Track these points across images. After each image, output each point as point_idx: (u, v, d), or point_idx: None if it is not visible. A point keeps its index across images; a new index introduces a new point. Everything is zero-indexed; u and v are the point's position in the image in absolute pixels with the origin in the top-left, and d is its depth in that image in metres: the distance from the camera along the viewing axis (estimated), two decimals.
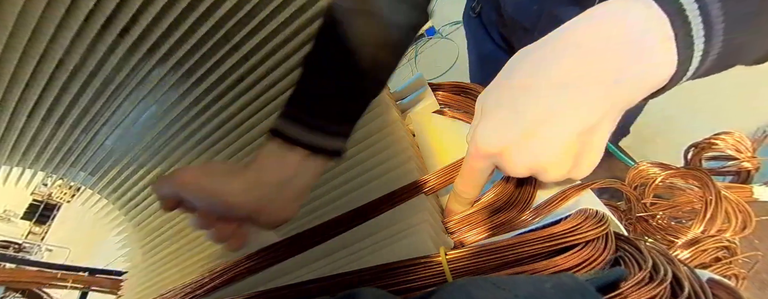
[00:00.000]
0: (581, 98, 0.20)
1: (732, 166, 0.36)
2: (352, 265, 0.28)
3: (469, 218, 0.30)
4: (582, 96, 0.20)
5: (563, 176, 0.23)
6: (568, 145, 0.21)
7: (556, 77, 0.20)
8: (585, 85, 0.19)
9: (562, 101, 0.20)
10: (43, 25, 0.33)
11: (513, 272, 0.22)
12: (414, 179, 0.33)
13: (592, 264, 0.21)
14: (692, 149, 0.38)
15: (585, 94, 0.20)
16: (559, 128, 0.21)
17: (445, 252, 0.24)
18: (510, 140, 0.22)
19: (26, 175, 0.54)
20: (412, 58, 2.46)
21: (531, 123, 0.21)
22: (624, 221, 0.36)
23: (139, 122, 0.47)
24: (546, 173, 0.23)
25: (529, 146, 0.22)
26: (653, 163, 0.37)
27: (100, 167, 0.53)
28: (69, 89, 0.41)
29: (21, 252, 5.08)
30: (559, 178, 0.23)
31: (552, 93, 0.20)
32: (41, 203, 5.79)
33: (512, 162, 0.23)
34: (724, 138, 0.36)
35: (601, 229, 0.23)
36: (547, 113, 0.21)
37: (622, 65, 0.19)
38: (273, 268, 0.35)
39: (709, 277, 0.20)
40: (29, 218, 5.77)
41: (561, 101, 0.20)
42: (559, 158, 0.22)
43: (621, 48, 0.19)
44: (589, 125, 0.20)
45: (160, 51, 0.39)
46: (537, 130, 0.21)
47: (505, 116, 0.22)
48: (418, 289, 0.24)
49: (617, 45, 0.19)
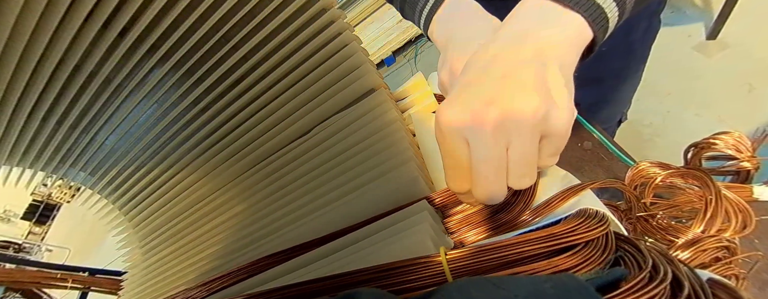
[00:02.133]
0: (520, 76, 0.23)
1: (732, 166, 0.36)
2: (352, 265, 0.28)
3: (469, 218, 0.30)
4: (521, 75, 0.23)
5: (538, 118, 0.22)
6: (530, 84, 0.23)
7: (497, 71, 0.24)
8: (519, 69, 0.23)
9: (504, 84, 0.23)
10: (43, 24, 0.33)
11: (513, 272, 0.22)
12: (414, 180, 0.33)
13: (592, 264, 0.21)
14: (692, 148, 0.38)
15: (523, 74, 0.23)
16: (515, 80, 0.23)
17: (445, 252, 0.24)
18: (475, 107, 0.23)
19: (26, 175, 0.54)
20: (412, 58, 2.46)
21: (490, 90, 0.23)
22: (624, 221, 0.36)
23: (139, 122, 0.47)
24: (520, 121, 0.22)
25: (494, 104, 0.23)
26: (653, 163, 0.37)
27: (100, 167, 0.53)
28: (69, 89, 0.41)
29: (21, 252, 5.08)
30: (535, 124, 0.23)
31: (495, 80, 0.24)
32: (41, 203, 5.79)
33: (482, 126, 0.23)
34: (724, 138, 0.36)
35: (601, 229, 0.23)
36: (503, 77, 0.23)
37: (540, 49, 0.24)
38: (273, 268, 0.35)
39: (709, 277, 0.20)
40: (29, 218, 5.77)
41: (503, 85, 0.23)
42: (528, 96, 0.22)
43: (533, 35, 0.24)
44: (540, 70, 0.23)
45: (160, 51, 0.39)
46: (497, 93, 0.23)
47: (466, 93, 0.24)
48: (418, 289, 0.24)
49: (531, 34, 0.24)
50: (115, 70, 0.40)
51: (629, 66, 0.63)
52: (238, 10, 0.38)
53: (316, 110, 0.42)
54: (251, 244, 0.43)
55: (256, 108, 0.44)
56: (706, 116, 1.30)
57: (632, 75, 0.65)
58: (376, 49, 2.36)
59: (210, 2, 0.36)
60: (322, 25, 0.40)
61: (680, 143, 0.37)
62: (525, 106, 0.22)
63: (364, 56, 0.42)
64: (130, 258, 0.62)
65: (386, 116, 0.39)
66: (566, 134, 0.24)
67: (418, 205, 0.31)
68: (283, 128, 0.44)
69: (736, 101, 1.27)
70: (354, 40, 0.41)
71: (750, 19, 1.39)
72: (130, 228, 0.60)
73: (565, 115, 0.23)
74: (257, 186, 0.46)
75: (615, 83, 0.64)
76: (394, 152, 0.37)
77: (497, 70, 0.24)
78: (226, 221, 0.48)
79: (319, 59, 0.41)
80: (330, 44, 0.41)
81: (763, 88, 1.25)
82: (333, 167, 0.40)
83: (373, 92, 0.42)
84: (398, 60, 2.51)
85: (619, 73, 0.63)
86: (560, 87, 0.23)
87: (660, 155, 0.40)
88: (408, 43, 2.40)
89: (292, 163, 0.44)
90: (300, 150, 0.43)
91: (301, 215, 0.40)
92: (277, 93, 0.43)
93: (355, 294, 0.21)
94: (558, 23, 0.24)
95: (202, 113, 0.45)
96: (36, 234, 5.78)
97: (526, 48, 0.24)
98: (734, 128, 0.36)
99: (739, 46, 1.39)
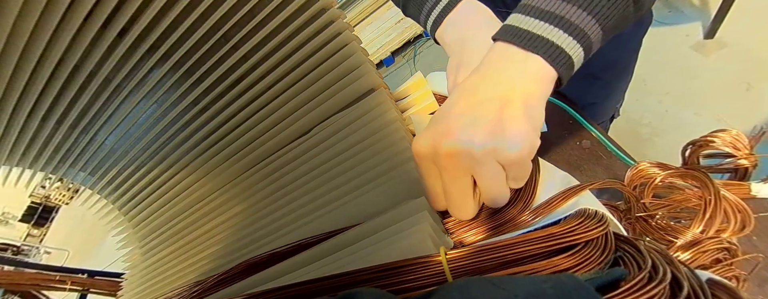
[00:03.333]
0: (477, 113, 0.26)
1: (729, 163, 0.36)
2: (352, 265, 0.28)
3: None
4: (479, 112, 0.26)
5: (487, 150, 0.25)
6: (481, 120, 0.25)
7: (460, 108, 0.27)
8: (480, 106, 0.26)
9: (460, 120, 0.26)
10: (42, 24, 0.33)
11: (512, 272, 0.22)
12: (414, 180, 0.33)
13: (592, 264, 0.21)
14: (690, 146, 0.38)
15: (482, 109, 0.26)
16: (470, 116, 0.26)
17: (445, 252, 0.24)
18: (436, 139, 0.26)
19: (26, 175, 0.54)
20: (412, 58, 2.46)
21: (449, 125, 0.26)
22: (624, 221, 0.36)
23: (138, 122, 0.47)
24: (469, 153, 0.25)
25: (448, 137, 0.26)
26: (653, 163, 0.37)
27: (99, 167, 0.53)
28: (68, 89, 0.41)
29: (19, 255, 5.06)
30: (484, 154, 0.25)
31: (462, 104, 0.27)
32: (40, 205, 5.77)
33: (439, 157, 0.26)
34: (722, 136, 0.36)
35: (600, 229, 0.23)
36: (460, 114, 0.26)
37: (503, 90, 0.26)
38: (273, 268, 0.35)
39: (708, 277, 0.20)
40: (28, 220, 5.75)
41: (458, 121, 0.26)
42: (475, 131, 0.25)
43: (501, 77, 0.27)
44: (496, 107, 0.25)
45: (160, 51, 0.39)
46: (452, 128, 0.26)
47: (432, 126, 0.27)
48: (418, 289, 0.24)
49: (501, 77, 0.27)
50: (115, 70, 0.40)
51: (621, 60, 0.63)
52: (237, 10, 0.38)
53: (316, 110, 0.42)
54: (251, 244, 0.43)
55: (256, 108, 0.44)
56: (704, 115, 1.30)
57: (624, 69, 0.65)
58: (375, 50, 2.36)
59: (210, 2, 0.36)
60: (321, 25, 0.40)
61: (678, 142, 0.38)
62: (472, 139, 0.25)
63: (363, 56, 0.42)
64: (129, 259, 0.62)
65: (386, 116, 0.39)
66: (521, 162, 0.26)
67: (418, 205, 0.31)
68: (283, 128, 0.44)
69: (734, 99, 1.27)
70: (354, 40, 0.41)
71: (748, 18, 1.40)
72: (129, 228, 0.60)
73: (514, 147, 0.25)
74: (257, 186, 0.46)
75: (607, 77, 0.64)
76: (394, 152, 0.37)
77: (459, 108, 0.27)
78: (226, 221, 0.48)
79: (318, 59, 0.41)
80: (330, 44, 0.41)
81: (760, 86, 1.25)
82: (333, 167, 0.40)
83: (373, 92, 0.42)
84: (397, 61, 2.51)
85: (611, 66, 0.62)
86: (516, 122, 0.25)
87: (658, 154, 0.40)
88: (407, 43, 2.40)
89: (292, 163, 0.44)
90: (300, 150, 0.43)
91: (301, 215, 0.40)
92: (277, 93, 0.43)
93: (355, 294, 0.21)
94: (519, 65, 0.26)
95: (202, 113, 0.45)
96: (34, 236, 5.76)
97: (487, 88, 0.27)
98: (732, 127, 0.36)
99: (736, 45, 1.39)
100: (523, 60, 0.26)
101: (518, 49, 0.27)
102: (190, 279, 0.48)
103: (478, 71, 0.28)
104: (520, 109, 0.25)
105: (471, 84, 0.28)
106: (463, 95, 0.27)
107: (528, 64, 0.26)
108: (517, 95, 0.26)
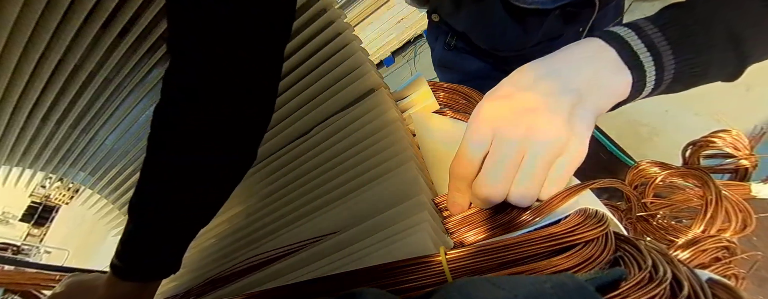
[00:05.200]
0: (560, 100, 0.25)
1: (730, 163, 0.36)
2: (352, 265, 0.28)
3: (469, 218, 0.30)
4: (561, 100, 0.26)
5: (562, 143, 0.25)
6: (565, 112, 0.25)
7: (545, 88, 0.26)
8: (562, 94, 0.26)
9: (547, 101, 0.26)
10: (42, 25, 0.33)
11: (512, 272, 0.22)
12: (414, 179, 0.33)
13: (592, 264, 0.21)
14: (690, 147, 0.38)
15: (563, 99, 0.26)
16: (556, 102, 0.25)
17: (445, 252, 0.24)
18: (504, 114, 0.26)
19: (26, 175, 0.54)
20: (412, 58, 2.46)
21: (534, 101, 0.26)
22: (624, 221, 0.36)
23: (139, 122, 0.47)
24: (544, 137, 0.25)
25: (521, 120, 0.25)
26: (653, 162, 0.37)
27: (99, 167, 0.53)
28: (69, 89, 0.41)
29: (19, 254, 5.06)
30: (554, 144, 0.25)
31: (540, 95, 0.26)
32: (40, 205, 5.77)
33: (504, 133, 0.26)
34: (722, 136, 0.36)
35: (600, 229, 0.23)
36: (536, 104, 0.26)
37: (586, 86, 0.26)
38: (273, 268, 0.35)
39: (708, 277, 0.20)
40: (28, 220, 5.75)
41: (546, 101, 0.26)
42: (558, 121, 0.25)
43: (586, 71, 0.26)
44: (577, 105, 0.26)
45: (160, 51, 0.39)
46: (528, 113, 0.25)
47: (505, 102, 0.27)
48: (418, 289, 0.24)
49: (584, 70, 0.26)
50: (115, 70, 0.40)
51: None
52: None
53: (317, 109, 0.42)
54: (251, 244, 0.43)
55: None
56: (704, 115, 1.30)
57: None
58: (375, 50, 2.36)
59: None
60: (322, 25, 0.40)
61: (679, 142, 0.38)
62: (553, 127, 0.25)
63: (364, 56, 0.42)
64: None
65: (386, 116, 0.39)
66: (577, 161, 0.26)
67: (418, 205, 0.31)
68: (283, 128, 0.44)
69: (734, 100, 1.27)
70: (354, 40, 0.41)
71: None
72: None
73: (580, 145, 0.25)
74: (257, 186, 0.46)
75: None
76: (394, 152, 0.37)
77: (546, 88, 0.26)
78: (225, 221, 0.48)
79: (319, 59, 0.41)
80: (330, 44, 0.41)
81: (760, 87, 1.25)
82: (333, 166, 0.40)
83: (373, 92, 0.42)
84: (397, 61, 2.51)
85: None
86: (584, 125, 0.26)
87: (658, 154, 0.40)
88: (407, 43, 2.40)
89: (292, 163, 0.44)
90: (300, 150, 0.43)
91: (301, 215, 0.40)
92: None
93: (355, 294, 0.21)
94: (613, 77, 0.26)
95: None
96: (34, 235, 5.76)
97: (577, 81, 0.26)
98: (732, 127, 0.36)
99: None
100: (617, 73, 0.26)
101: (618, 59, 0.26)
102: (189, 278, 0.48)
103: (573, 56, 0.27)
104: (590, 114, 0.26)
105: (563, 67, 0.27)
106: (554, 75, 0.27)
107: (620, 79, 0.26)
108: (592, 101, 0.26)
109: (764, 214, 0.33)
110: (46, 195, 5.67)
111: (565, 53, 0.28)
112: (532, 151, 0.25)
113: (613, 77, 0.26)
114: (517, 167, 0.26)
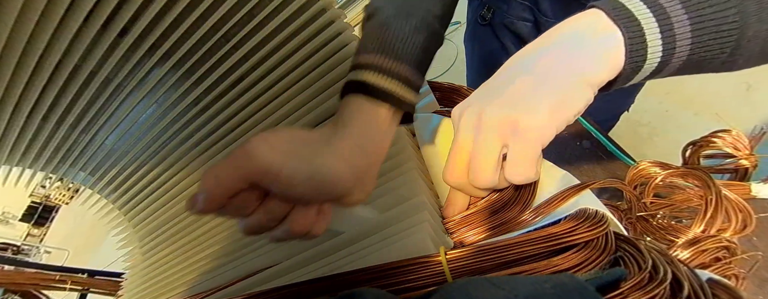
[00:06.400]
0: (549, 81, 0.24)
1: (730, 163, 0.36)
2: (352, 265, 0.28)
3: (469, 218, 0.30)
4: (549, 80, 0.24)
5: (540, 128, 0.23)
6: (544, 105, 0.24)
7: (532, 69, 0.25)
8: (551, 73, 0.24)
9: (536, 83, 0.24)
10: (42, 24, 0.33)
11: (512, 272, 0.22)
12: (414, 179, 0.33)
13: (592, 264, 0.21)
14: (690, 147, 0.38)
15: (551, 78, 0.24)
16: (536, 96, 0.24)
17: (445, 252, 0.24)
18: (493, 97, 0.25)
19: (26, 175, 0.54)
20: None
21: (512, 92, 0.25)
22: (624, 221, 0.36)
23: (139, 121, 0.47)
24: (520, 126, 0.23)
25: (507, 101, 0.24)
26: (653, 162, 0.37)
27: (100, 167, 0.53)
28: (69, 88, 0.41)
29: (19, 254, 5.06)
30: (538, 134, 0.24)
31: (529, 78, 0.25)
32: (40, 205, 5.78)
33: (489, 115, 0.25)
34: (722, 136, 0.36)
35: (600, 229, 0.23)
36: (525, 88, 0.24)
37: (574, 62, 0.23)
38: (273, 268, 0.35)
39: (708, 277, 0.20)
40: (28, 220, 5.76)
41: (535, 83, 0.24)
42: (536, 110, 0.23)
43: (573, 49, 0.24)
44: (557, 96, 0.24)
45: (160, 51, 0.39)
46: (516, 96, 0.24)
47: (491, 88, 0.26)
48: (418, 289, 0.24)
49: (571, 48, 0.24)
50: (115, 70, 0.40)
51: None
52: (238, 10, 0.38)
53: (317, 109, 0.42)
54: (251, 244, 0.43)
55: (256, 108, 0.44)
56: (704, 114, 1.30)
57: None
58: None
59: (210, 2, 0.36)
60: (322, 24, 0.40)
61: (679, 141, 0.38)
62: (533, 119, 0.23)
63: None
64: (129, 258, 0.62)
65: None
66: (536, 133, 0.24)
67: (418, 205, 0.31)
68: None
69: (734, 99, 1.27)
70: (354, 40, 0.41)
71: None
72: (130, 228, 0.60)
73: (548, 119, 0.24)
74: None
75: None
76: (394, 152, 0.37)
77: (526, 83, 0.25)
78: (226, 221, 0.48)
79: (319, 59, 0.41)
80: (330, 44, 0.41)
81: (760, 87, 1.25)
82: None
83: None
84: None
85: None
86: (569, 111, 0.24)
87: (658, 154, 0.40)
88: None
89: None
90: None
91: None
92: (277, 93, 0.43)
93: (355, 294, 0.21)
94: (594, 38, 0.23)
95: (202, 112, 0.45)
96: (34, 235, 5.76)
97: (546, 59, 0.25)
98: (732, 127, 0.37)
99: None
100: (599, 40, 0.23)
101: (603, 16, 0.23)
102: (190, 278, 0.48)
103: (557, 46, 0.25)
104: (584, 93, 0.24)
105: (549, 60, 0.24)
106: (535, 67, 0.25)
107: (606, 46, 0.23)
108: (577, 85, 0.23)
109: (764, 214, 0.33)
110: (46, 195, 5.67)
111: (549, 31, 0.26)
112: (517, 134, 0.24)
113: (594, 39, 0.22)
114: (496, 158, 0.25)
